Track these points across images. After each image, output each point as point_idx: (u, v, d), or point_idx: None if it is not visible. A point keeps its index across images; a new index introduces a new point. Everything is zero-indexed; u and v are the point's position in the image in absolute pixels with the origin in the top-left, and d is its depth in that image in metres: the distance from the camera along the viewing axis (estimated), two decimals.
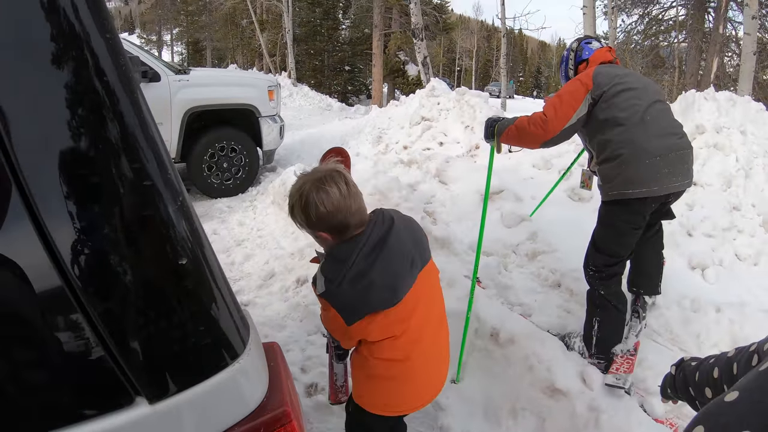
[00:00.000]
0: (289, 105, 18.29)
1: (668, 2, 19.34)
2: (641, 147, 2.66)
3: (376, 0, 21.15)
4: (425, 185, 4.83)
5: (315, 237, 1.69)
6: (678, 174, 2.70)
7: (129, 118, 0.69)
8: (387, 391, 1.80)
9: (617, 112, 2.70)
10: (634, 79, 2.82)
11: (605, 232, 2.90)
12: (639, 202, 2.71)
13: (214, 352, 0.74)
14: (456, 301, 3.20)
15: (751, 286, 3.78)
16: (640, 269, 3.17)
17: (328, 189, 1.57)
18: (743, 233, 4.23)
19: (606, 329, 2.91)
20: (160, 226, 0.68)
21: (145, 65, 6.35)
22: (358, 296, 1.60)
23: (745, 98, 5.63)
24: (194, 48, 44.66)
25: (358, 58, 31.23)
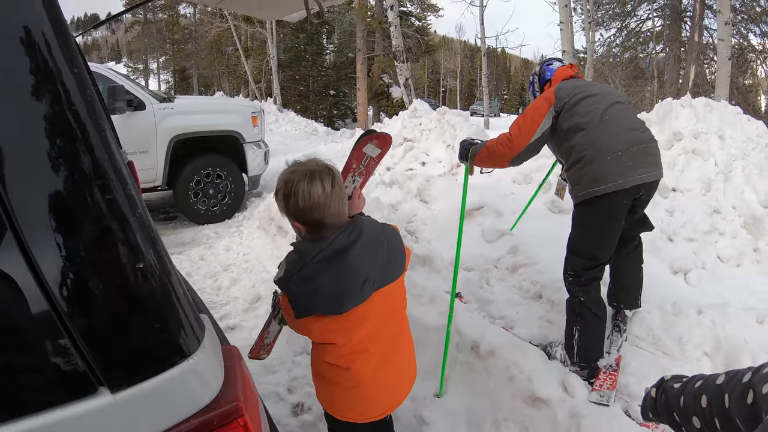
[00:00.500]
0: (275, 131, 18.40)
1: (645, 14, 19.80)
2: (602, 145, 2.75)
3: (359, 24, 21.45)
4: (406, 205, 4.90)
5: (291, 224, 1.71)
6: (642, 166, 2.76)
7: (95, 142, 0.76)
8: (333, 394, 1.82)
9: (578, 119, 2.82)
10: (593, 87, 2.95)
11: (580, 235, 2.94)
12: (607, 198, 2.76)
13: (170, 347, 0.82)
14: (438, 316, 3.25)
15: (734, 287, 3.84)
16: (620, 283, 3.23)
17: (313, 184, 1.59)
18: (725, 235, 4.29)
19: (587, 337, 2.94)
20: (120, 233, 0.76)
21: (130, 94, 6.46)
22: (302, 297, 1.62)
23: (722, 103, 5.75)
24: (181, 76, 44.83)
25: (343, 82, 31.50)
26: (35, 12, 0.73)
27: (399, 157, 6.92)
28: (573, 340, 2.97)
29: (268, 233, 5.57)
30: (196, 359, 0.84)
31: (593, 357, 2.96)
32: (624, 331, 3.20)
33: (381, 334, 1.77)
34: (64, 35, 0.76)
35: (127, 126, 6.27)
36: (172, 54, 42.45)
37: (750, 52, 18.47)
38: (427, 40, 23.52)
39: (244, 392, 0.92)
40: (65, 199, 0.73)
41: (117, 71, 7.45)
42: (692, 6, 17.72)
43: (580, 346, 2.96)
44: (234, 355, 1.02)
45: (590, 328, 2.93)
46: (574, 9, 18.61)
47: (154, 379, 0.79)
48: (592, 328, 2.93)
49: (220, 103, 8.82)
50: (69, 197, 0.73)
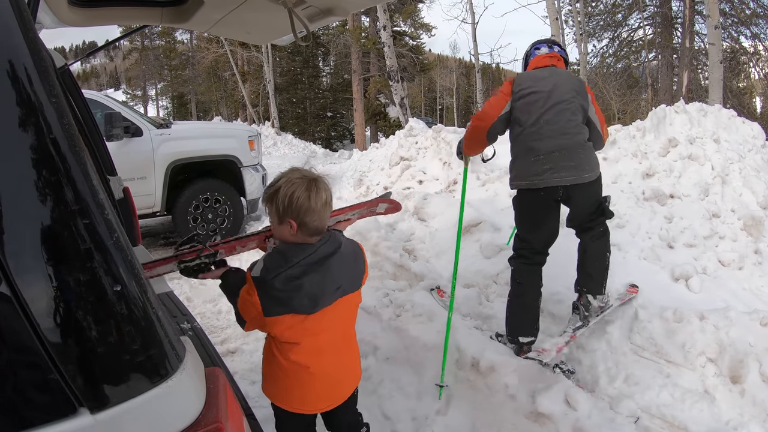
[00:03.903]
0: (273, 154, 18.48)
1: (636, 23, 20.00)
2: (529, 147, 3.08)
3: (353, 45, 21.63)
4: (404, 224, 4.91)
5: (279, 222, 1.79)
6: (560, 170, 3.03)
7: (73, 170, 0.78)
8: (288, 388, 1.91)
9: (519, 114, 3.12)
10: (544, 83, 3.13)
11: (515, 218, 3.32)
12: (527, 193, 3.13)
13: (150, 368, 0.83)
14: (436, 334, 3.26)
15: (737, 290, 3.86)
16: (585, 270, 3.33)
17: (321, 190, 1.77)
18: (725, 239, 4.31)
19: (511, 308, 3.22)
20: (97, 256, 0.78)
21: (127, 120, 6.49)
22: (283, 294, 1.73)
23: (716, 107, 5.78)
24: (179, 102, 45.11)
25: (340, 103, 31.70)
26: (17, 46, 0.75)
27: (396, 177, 6.94)
28: (506, 310, 3.27)
29: None
30: (176, 380, 0.85)
31: (515, 328, 3.18)
32: (585, 317, 3.30)
33: (335, 338, 1.92)
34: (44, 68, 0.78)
35: (124, 152, 6.29)
36: (170, 80, 42.73)
37: (742, 55, 18.62)
38: (421, 59, 23.71)
39: (227, 413, 0.93)
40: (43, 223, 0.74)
41: (114, 98, 7.51)
42: (682, 12, 17.88)
43: (507, 316, 3.23)
44: (218, 378, 1.03)
45: (513, 299, 3.23)
46: (566, 21, 18.84)
47: (134, 399, 0.80)
48: (514, 298, 3.22)
49: (216, 128, 8.89)
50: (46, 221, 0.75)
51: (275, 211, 1.78)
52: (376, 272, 4.17)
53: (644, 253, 4.23)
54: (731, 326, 3.08)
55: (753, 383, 2.84)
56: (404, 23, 24.92)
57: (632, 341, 3.23)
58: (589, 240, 3.29)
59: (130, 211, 3.39)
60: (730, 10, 17.79)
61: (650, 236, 4.42)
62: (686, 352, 3.07)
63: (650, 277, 3.96)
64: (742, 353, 2.93)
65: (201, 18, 2.70)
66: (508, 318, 3.23)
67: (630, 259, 4.14)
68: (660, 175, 5.03)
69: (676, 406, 2.79)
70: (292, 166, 1.90)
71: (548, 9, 12.02)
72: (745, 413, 2.76)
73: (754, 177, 4.75)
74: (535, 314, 3.20)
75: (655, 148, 5.33)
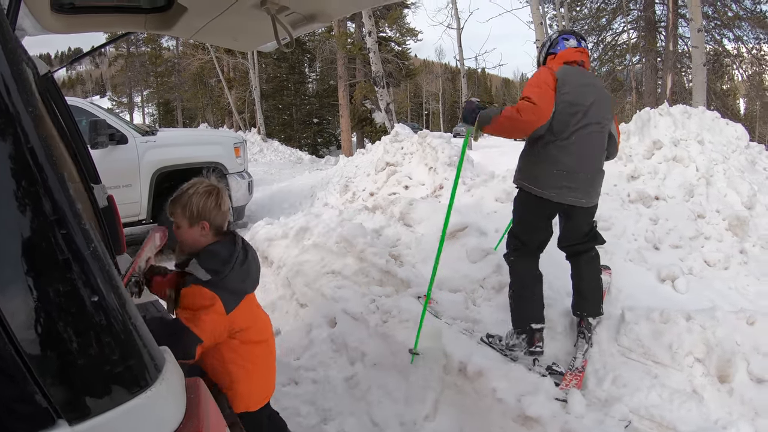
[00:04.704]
0: (259, 161, 18.44)
1: (620, 27, 20.23)
2: (557, 159, 3.00)
3: (339, 51, 21.64)
4: (390, 229, 4.90)
5: (190, 225, 1.96)
6: (577, 192, 3.03)
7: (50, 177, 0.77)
8: (262, 375, 2.12)
9: (554, 122, 2.98)
10: (588, 91, 3.06)
11: (514, 218, 3.33)
12: (536, 199, 3.08)
13: (128, 379, 0.82)
14: (423, 339, 3.25)
15: (724, 290, 3.91)
16: (582, 294, 3.36)
17: (225, 196, 2.05)
18: (710, 239, 4.36)
19: (518, 297, 3.22)
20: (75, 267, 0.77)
21: (112, 128, 6.44)
22: (242, 278, 1.94)
23: (700, 109, 5.85)
24: (165, 108, 44.88)
25: (326, 109, 31.68)
26: None
27: (382, 182, 6.94)
28: (511, 305, 3.27)
29: None
30: (156, 390, 0.84)
31: (525, 317, 3.17)
32: (589, 338, 3.29)
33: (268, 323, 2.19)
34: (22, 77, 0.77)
35: (110, 160, 6.25)
36: (156, 87, 42.54)
37: (725, 57, 18.87)
38: (407, 65, 23.79)
39: (208, 424, 0.93)
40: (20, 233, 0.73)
41: (99, 105, 7.46)
42: (666, 16, 18.09)
43: (513, 307, 3.24)
44: (199, 387, 1.02)
45: (518, 290, 3.23)
46: (550, 26, 19.00)
47: (112, 410, 0.79)
48: (521, 287, 3.22)
49: (202, 135, 8.89)
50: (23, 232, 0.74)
51: (187, 216, 1.94)
52: (362, 278, 4.16)
53: (630, 255, 4.26)
54: (718, 326, 3.10)
55: (741, 382, 2.87)
56: (390, 29, 24.97)
57: (619, 343, 3.24)
58: (584, 264, 3.33)
59: (115, 220, 3.34)
60: (713, 13, 18.06)
61: (636, 238, 4.46)
62: (674, 353, 3.09)
63: (637, 279, 3.99)
64: (729, 352, 2.95)
65: (185, 25, 2.68)
66: (516, 309, 3.23)
67: (616, 261, 4.17)
68: (645, 177, 5.08)
69: (665, 406, 2.80)
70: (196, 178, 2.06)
71: (533, 14, 12.11)
72: (734, 412, 2.78)
73: (738, 177, 4.81)
74: (542, 301, 3.23)
75: (639, 151, 5.38)
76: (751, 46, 18.57)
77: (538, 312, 3.18)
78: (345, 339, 3.60)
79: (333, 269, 4.33)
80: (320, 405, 3.21)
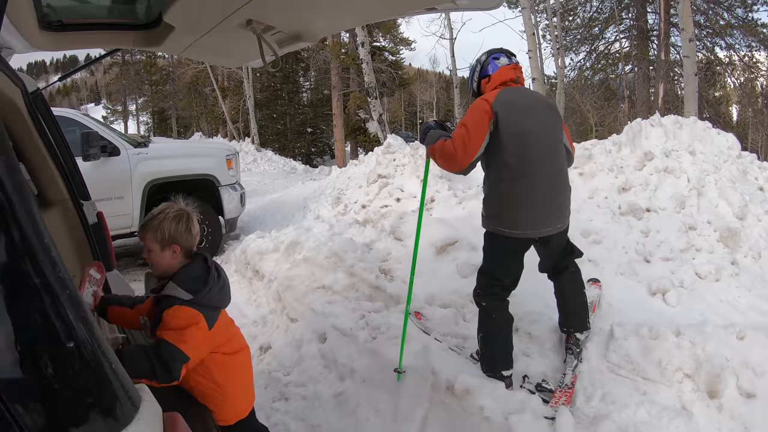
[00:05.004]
0: (253, 170, 18.45)
1: (612, 36, 20.35)
2: (519, 195, 2.91)
3: (333, 61, 21.69)
4: (381, 243, 4.89)
5: (162, 249, 2.03)
6: (553, 220, 2.98)
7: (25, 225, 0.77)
8: (246, 383, 2.23)
9: (507, 155, 2.89)
10: (535, 114, 2.97)
11: (485, 259, 3.18)
12: (512, 240, 2.98)
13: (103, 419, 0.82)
14: (412, 357, 3.25)
15: (714, 302, 3.88)
16: (567, 310, 3.33)
17: (195, 220, 2.13)
18: (701, 251, 4.32)
19: (488, 344, 3.12)
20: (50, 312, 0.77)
21: (104, 140, 6.48)
22: (221, 295, 2.05)
23: (691, 119, 5.85)
24: (160, 117, 44.87)
25: (320, 119, 31.69)
26: None
27: (374, 195, 6.92)
28: (480, 350, 3.18)
29: (245, 277, 5.51)
30: (132, 430, 0.84)
31: (496, 365, 3.09)
32: (578, 354, 3.27)
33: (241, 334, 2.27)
34: None
35: (102, 172, 6.32)
36: (151, 95, 42.50)
37: (717, 65, 18.99)
38: (401, 74, 23.85)
39: None
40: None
41: (92, 116, 7.48)
42: (658, 25, 18.20)
43: (483, 353, 3.15)
44: (176, 422, 1.02)
45: (490, 335, 3.11)
46: (544, 36, 19.11)
47: None
48: (491, 334, 3.11)
49: (194, 147, 8.95)
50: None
51: (158, 240, 2.02)
52: (352, 293, 4.15)
53: (621, 268, 4.25)
54: (707, 341, 3.09)
55: (730, 397, 2.86)
56: (384, 38, 25.05)
57: (608, 359, 3.23)
58: (566, 282, 3.29)
59: (105, 236, 3.34)
60: (704, 22, 18.19)
61: (627, 251, 4.45)
62: (663, 369, 3.07)
63: (627, 293, 3.98)
64: (718, 368, 2.94)
65: (173, 42, 2.67)
66: (485, 354, 3.15)
67: (607, 274, 4.17)
68: (636, 189, 5.06)
69: (654, 423, 2.78)
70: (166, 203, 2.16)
71: (525, 24, 12.17)
72: (723, 428, 2.77)
73: (729, 188, 4.80)
74: (511, 345, 3.15)
75: (631, 162, 5.37)
76: (743, 53, 18.73)
77: (508, 358, 3.11)
78: (335, 355, 3.59)
79: (323, 284, 4.32)
80: (310, 421, 3.21)
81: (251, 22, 2.01)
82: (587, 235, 4.50)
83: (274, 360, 3.91)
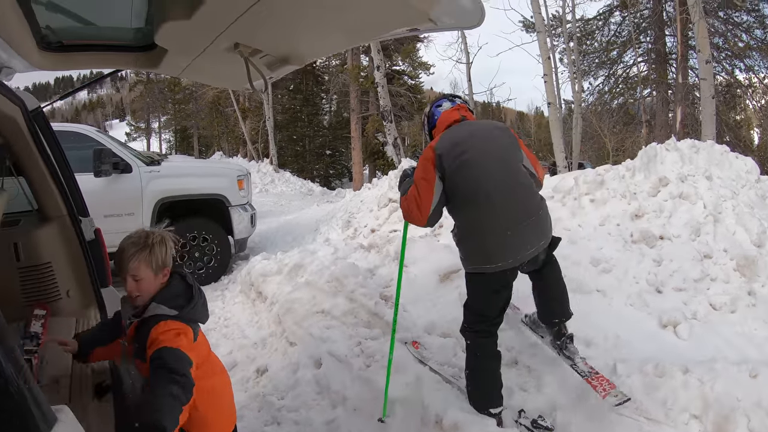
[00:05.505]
0: (270, 191, 18.62)
1: (631, 60, 20.20)
2: (491, 224, 2.84)
3: (352, 84, 21.85)
4: (384, 269, 4.83)
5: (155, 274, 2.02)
6: (532, 240, 2.89)
7: None
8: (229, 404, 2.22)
9: (462, 192, 2.87)
10: (475, 144, 2.91)
11: (470, 297, 3.10)
12: (498, 274, 2.88)
13: None
14: (404, 387, 3.18)
15: (729, 335, 3.71)
16: (552, 297, 3.26)
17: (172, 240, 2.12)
18: (717, 281, 4.15)
19: (474, 382, 3.02)
20: None
21: (117, 157, 6.61)
22: (203, 308, 2.08)
23: (708, 143, 5.68)
24: (182, 135, 45.59)
25: (340, 141, 31.83)
26: None
27: (384, 219, 6.87)
28: (467, 387, 3.08)
29: (249, 298, 5.50)
30: None
31: (482, 403, 2.99)
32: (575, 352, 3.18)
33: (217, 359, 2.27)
34: None
35: (113, 189, 6.48)
36: (174, 113, 43.27)
37: (737, 88, 18.70)
38: (419, 98, 23.89)
39: None
40: None
41: (105, 133, 7.65)
42: (676, 48, 18.04)
43: (470, 389, 3.05)
44: None
45: (475, 371, 3.01)
46: (561, 60, 19.06)
47: None
48: (476, 371, 3.01)
49: (206, 167, 9.11)
50: None
51: (153, 267, 2.01)
52: (351, 319, 4.10)
53: (631, 299, 4.10)
54: (717, 379, 2.96)
55: None
56: (403, 62, 25.19)
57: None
58: (549, 272, 3.22)
59: (101, 252, 3.36)
60: (723, 44, 17.99)
61: (638, 281, 4.29)
62: (668, 409, 2.94)
63: (636, 325, 3.84)
64: (728, 408, 2.81)
65: (169, 64, 2.68)
66: (473, 393, 3.05)
67: (615, 305, 4.03)
68: (650, 215, 4.88)
69: None
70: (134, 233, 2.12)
71: (540, 48, 12.12)
72: None
73: (747, 214, 4.63)
74: (500, 382, 3.02)
75: (644, 188, 5.19)
76: (763, 75, 18.40)
77: (495, 395, 3.00)
78: (329, 381, 3.54)
79: (323, 308, 4.27)
80: None
81: (238, 46, 2.00)
82: (597, 264, 4.37)
83: (269, 383, 3.88)
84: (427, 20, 1.66)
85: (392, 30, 1.86)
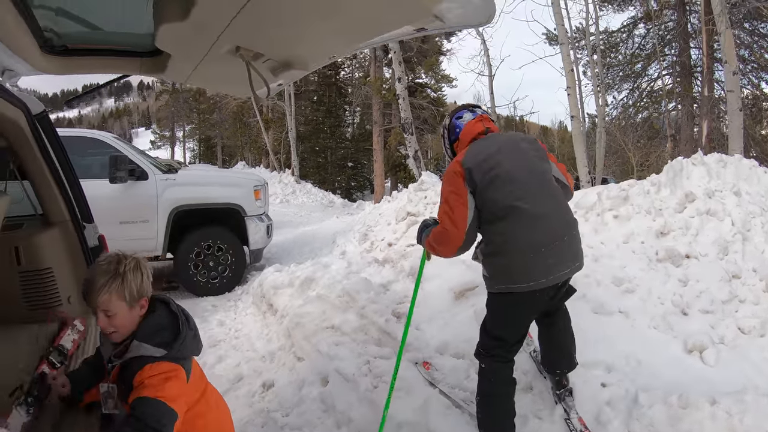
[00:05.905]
0: (291, 202, 18.72)
1: (655, 73, 19.86)
2: (524, 241, 2.66)
3: (374, 97, 21.86)
4: (398, 285, 4.69)
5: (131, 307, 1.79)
6: (566, 260, 2.71)
7: None
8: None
9: (493, 207, 2.70)
10: (503, 159, 2.75)
11: (492, 320, 2.91)
12: (528, 294, 2.69)
13: None
14: (413, 412, 3.04)
15: (758, 361, 3.49)
16: (559, 347, 3.14)
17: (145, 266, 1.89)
18: (745, 303, 3.93)
19: (484, 408, 2.87)
20: None
21: (133, 164, 6.63)
22: (194, 341, 1.87)
23: (736, 157, 5.45)
24: (206, 145, 46.23)
25: (362, 153, 31.92)
26: None
27: (401, 233, 6.70)
28: (478, 415, 2.92)
29: (260, 310, 5.42)
30: None
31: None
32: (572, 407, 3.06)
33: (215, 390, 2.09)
34: None
35: (128, 195, 6.51)
36: (198, 123, 43.91)
37: (764, 101, 18.22)
38: (442, 111, 23.77)
39: None
40: None
41: (122, 140, 7.71)
42: (701, 61, 17.67)
43: (480, 417, 2.90)
44: None
45: (487, 398, 2.86)
46: (585, 73, 18.82)
47: None
48: (488, 397, 2.86)
49: (222, 176, 9.10)
50: None
51: (127, 298, 1.77)
52: (361, 336, 3.96)
53: (655, 321, 3.89)
54: (746, 412, 2.77)
55: None
56: (426, 75, 25.13)
57: (630, 429, 2.92)
58: (559, 319, 3.09)
59: None
60: (749, 56, 17.57)
61: (662, 302, 4.07)
62: None
63: (660, 349, 3.63)
64: None
65: (175, 70, 2.64)
66: (484, 420, 2.88)
67: (639, 328, 3.83)
68: (675, 233, 4.64)
69: None
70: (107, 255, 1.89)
71: (563, 60, 11.92)
72: None
73: None
74: (513, 411, 2.86)
75: (670, 204, 4.96)
76: None
77: (507, 425, 2.83)
78: (334, 400, 3.40)
79: (333, 324, 4.15)
80: None
81: (239, 49, 1.92)
82: (620, 284, 4.18)
83: (275, 399, 3.77)
84: (432, 16, 1.55)
85: (397, 28, 1.75)
